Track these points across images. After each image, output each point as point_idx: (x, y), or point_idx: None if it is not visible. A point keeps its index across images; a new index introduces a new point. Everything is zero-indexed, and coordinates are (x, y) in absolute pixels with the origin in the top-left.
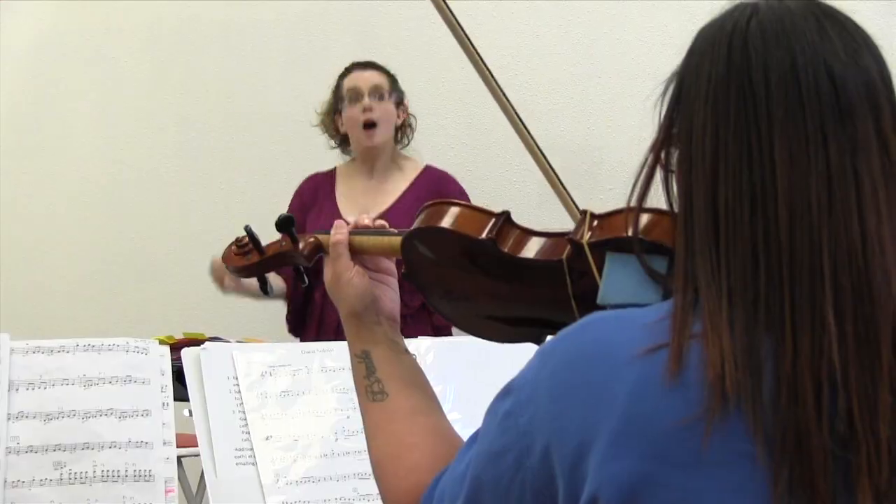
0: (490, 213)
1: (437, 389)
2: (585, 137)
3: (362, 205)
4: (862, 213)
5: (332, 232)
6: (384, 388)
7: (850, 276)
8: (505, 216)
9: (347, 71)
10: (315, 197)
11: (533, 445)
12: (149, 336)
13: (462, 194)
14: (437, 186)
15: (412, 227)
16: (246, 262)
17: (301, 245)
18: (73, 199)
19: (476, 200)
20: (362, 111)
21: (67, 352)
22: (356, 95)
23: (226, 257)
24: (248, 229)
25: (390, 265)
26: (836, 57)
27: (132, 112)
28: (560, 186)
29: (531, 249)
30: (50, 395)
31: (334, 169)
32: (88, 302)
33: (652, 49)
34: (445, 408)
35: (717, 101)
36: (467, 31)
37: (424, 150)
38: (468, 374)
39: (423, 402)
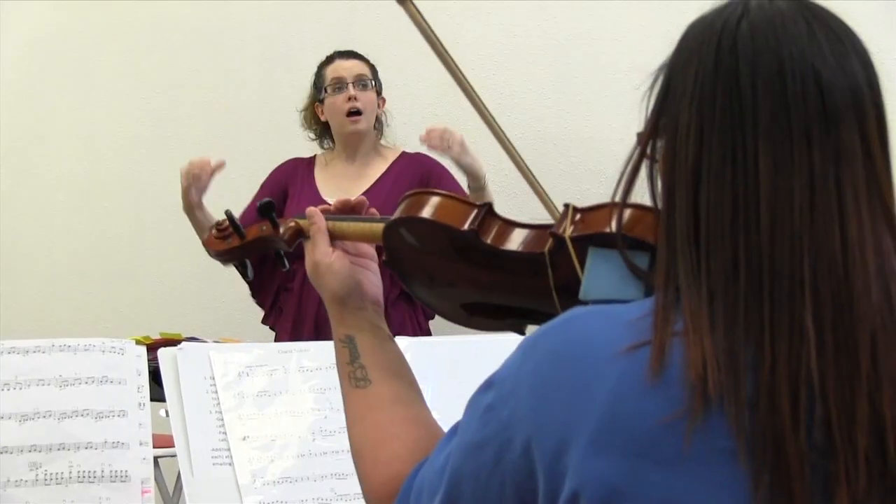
0: (472, 204)
1: None
2: (562, 136)
3: (343, 188)
4: (844, 221)
5: (308, 217)
6: (367, 375)
7: (830, 284)
8: (487, 207)
9: (329, 60)
10: (293, 179)
11: (513, 439)
12: (125, 336)
13: (439, 168)
14: (416, 165)
15: (394, 216)
16: (227, 245)
17: (282, 230)
18: (49, 199)
19: None
20: (347, 100)
21: (43, 352)
22: (340, 84)
23: (207, 241)
24: (228, 213)
25: (371, 250)
26: (824, 63)
27: (108, 111)
28: (536, 183)
29: (513, 241)
30: (25, 396)
31: (314, 156)
32: (64, 302)
33: (629, 48)
34: None
35: (703, 101)
36: (444, 32)
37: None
38: (446, 373)
39: (406, 392)
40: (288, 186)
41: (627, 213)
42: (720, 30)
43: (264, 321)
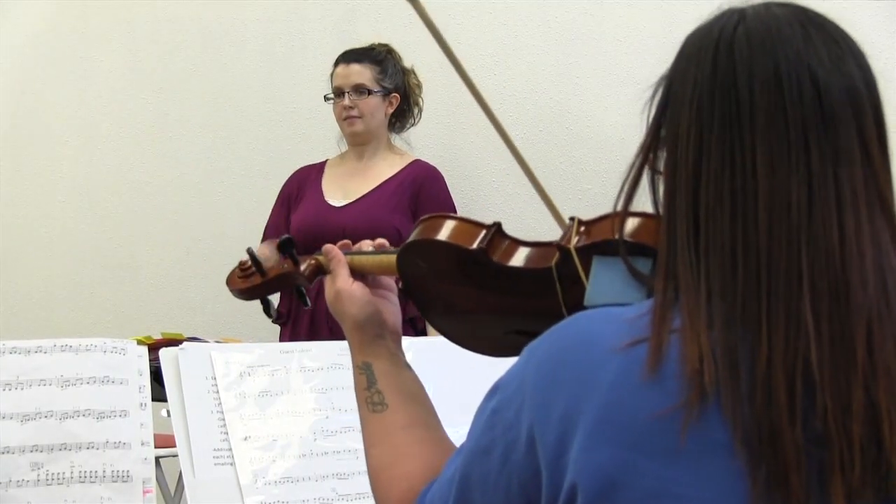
0: (481, 225)
1: None
2: (564, 136)
3: (346, 187)
4: (841, 218)
5: (325, 252)
6: (384, 400)
7: (828, 279)
8: (496, 227)
9: (336, 62)
10: (301, 187)
11: (519, 438)
12: (127, 336)
13: (444, 193)
14: (421, 180)
15: (406, 241)
16: (249, 284)
17: (302, 266)
18: (51, 200)
19: (457, 200)
20: (344, 108)
21: (45, 352)
22: (338, 92)
23: (230, 280)
24: (249, 251)
25: (389, 282)
26: (820, 64)
27: (109, 112)
28: (545, 193)
29: (521, 258)
30: (27, 396)
31: (325, 161)
32: (65, 302)
33: (630, 49)
34: None
35: (701, 106)
36: (447, 32)
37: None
38: (446, 373)
39: (422, 415)
40: (298, 196)
41: (630, 220)
42: (717, 37)
43: (276, 320)
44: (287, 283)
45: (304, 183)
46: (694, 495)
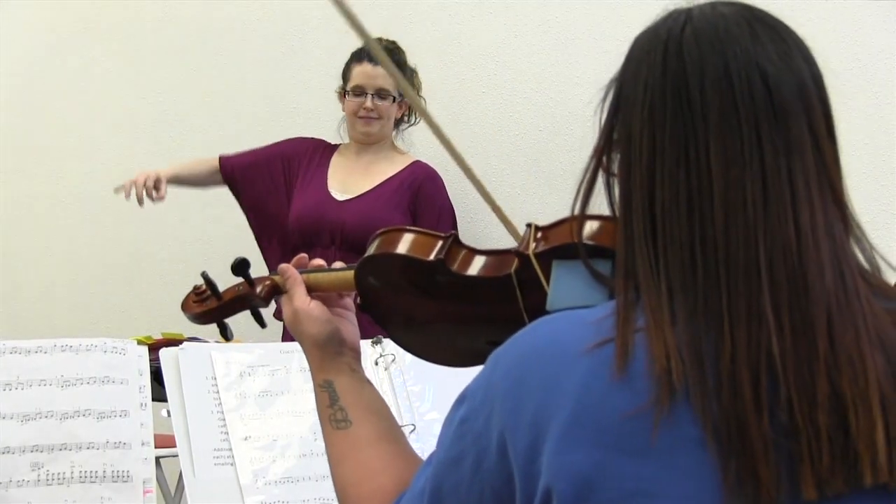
0: (437, 236)
1: (415, 389)
2: (563, 135)
3: (348, 182)
4: (796, 210)
5: (281, 272)
6: (347, 416)
7: (786, 270)
8: (452, 237)
9: (359, 58)
10: (312, 158)
11: (489, 446)
12: (127, 336)
13: (442, 194)
14: (420, 181)
15: (363, 256)
16: (204, 308)
17: (258, 288)
18: (51, 200)
19: (457, 207)
20: (362, 107)
21: (45, 352)
22: (359, 92)
23: (184, 305)
24: (204, 275)
25: (347, 301)
26: (769, 61)
27: (110, 111)
28: (495, 204)
29: (479, 266)
30: (27, 396)
31: (338, 144)
32: (65, 302)
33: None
34: (424, 407)
35: (653, 107)
36: (442, 28)
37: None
38: (447, 374)
39: (386, 429)
40: (299, 164)
41: (587, 223)
42: (666, 38)
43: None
44: (243, 306)
45: (313, 159)
46: (668, 491)
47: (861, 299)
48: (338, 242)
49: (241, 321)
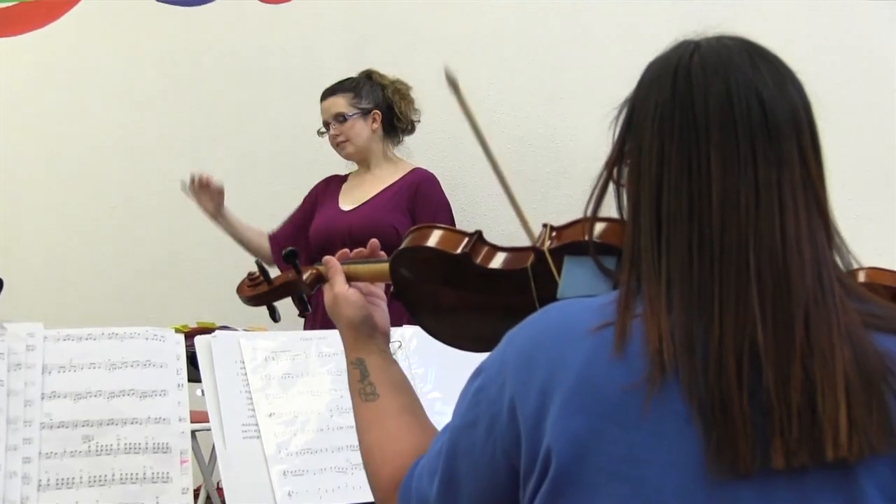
0: (464, 233)
1: (419, 371)
2: (552, 150)
3: (355, 194)
4: (783, 217)
5: (324, 262)
6: (376, 390)
7: (772, 269)
8: (478, 235)
9: (320, 102)
10: (324, 193)
11: (501, 411)
12: (166, 325)
13: (438, 192)
14: (417, 183)
15: (398, 249)
16: (257, 291)
17: (305, 276)
18: (103, 207)
19: (455, 209)
20: (331, 138)
21: (94, 339)
22: (326, 125)
23: (239, 289)
24: (258, 262)
25: (379, 290)
26: (765, 86)
27: (154, 116)
28: (518, 207)
29: (500, 261)
30: (79, 378)
31: (347, 174)
32: (112, 295)
33: (609, 74)
34: (427, 388)
35: (662, 122)
36: (424, 27)
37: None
38: (447, 358)
39: (410, 403)
40: (320, 201)
41: (597, 224)
42: (675, 64)
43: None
44: (291, 291)
45: (328, 189)
46: (655, 458)
47: (836, 299)
48: (347, 246)
49: (264, 311)
